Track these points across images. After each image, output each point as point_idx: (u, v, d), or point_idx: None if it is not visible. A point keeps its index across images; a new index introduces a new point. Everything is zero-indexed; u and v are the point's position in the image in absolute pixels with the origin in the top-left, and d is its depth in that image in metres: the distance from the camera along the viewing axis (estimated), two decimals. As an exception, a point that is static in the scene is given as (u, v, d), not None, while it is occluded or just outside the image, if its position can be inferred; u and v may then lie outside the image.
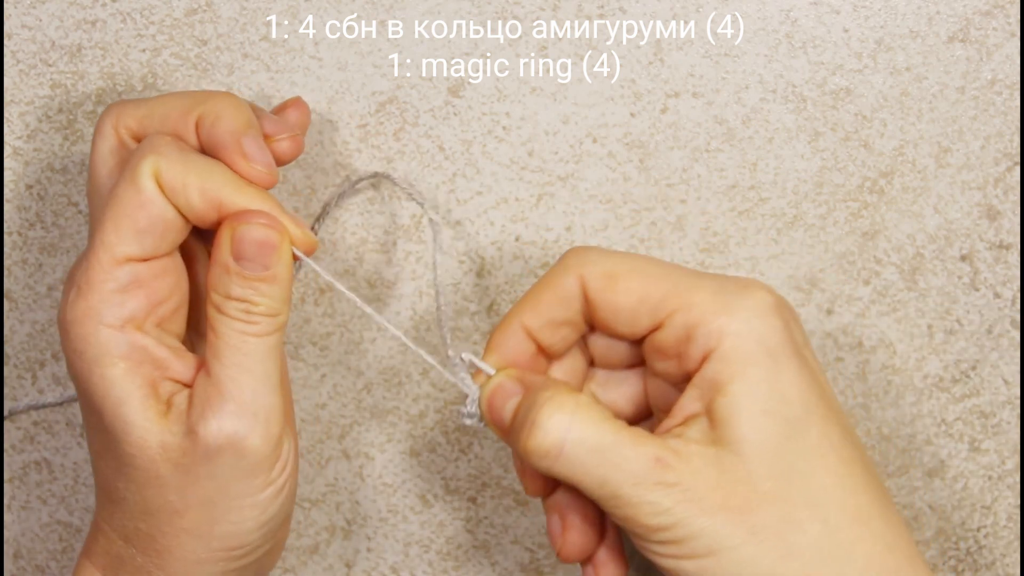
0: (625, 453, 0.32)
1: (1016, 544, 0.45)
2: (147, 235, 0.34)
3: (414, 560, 0.46)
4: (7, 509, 0.46)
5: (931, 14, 0.43)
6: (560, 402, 0.33)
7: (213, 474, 0.34)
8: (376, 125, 0.44)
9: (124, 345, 0.34)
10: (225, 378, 0.34)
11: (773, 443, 0.33)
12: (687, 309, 0.33)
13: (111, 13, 0.43)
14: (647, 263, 0.35)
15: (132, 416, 0.34)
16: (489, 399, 0.35)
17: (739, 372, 0.33)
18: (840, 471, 0.33)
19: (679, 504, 0.32)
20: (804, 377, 0.34)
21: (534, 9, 0.43)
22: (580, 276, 0.35)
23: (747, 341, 0.33)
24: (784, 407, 0.33)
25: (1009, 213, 0.44)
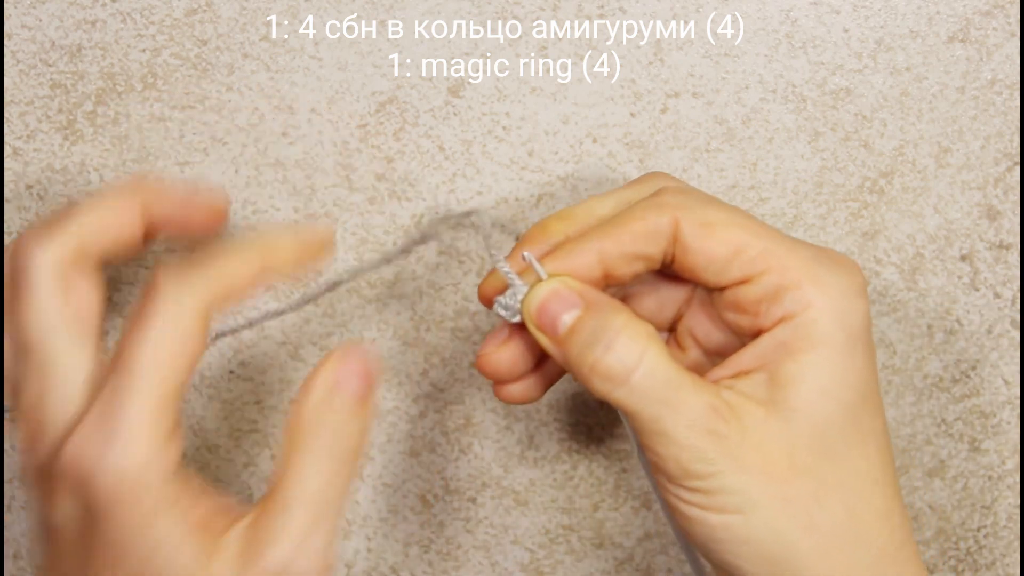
0: (685, 395, 0.32)
1: (1016, 544, 0.45)
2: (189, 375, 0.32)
3: (414, 560, 0.46)
4: (7, 509, 0.46)
5: (931, 14, 0.43)
6: (635, 331, 0.33)
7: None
8: (376, 125, 0.44)
9: (177, 490, 0.32)
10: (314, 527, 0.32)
11: (824, 422, 0.33)
12: (781, 271, 0.33)
13: (111, 13, 0.43)
14: (745, 217, 0.34)
15: (187, 562, 0.31)
16: (543, 303, 0.34)
17: (815, 346, 0.33)
18: (874, 462, 0.34)
19: (722, 456, 0.32)
20: (870, 366, 0.34)
21: (534, 9, 0.43)
22: (675, 218, 0.34)
23: (831, 318, 0.33)
24: (844, 391, 0.33)
25: (1009, 213, 0.44)
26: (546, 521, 0.46)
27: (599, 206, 0.36)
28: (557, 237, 0.36)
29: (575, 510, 0.46)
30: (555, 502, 0.46)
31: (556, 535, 0.46)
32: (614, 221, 0.35)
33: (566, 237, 0.35)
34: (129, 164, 0.44)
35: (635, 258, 0.35)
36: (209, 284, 0.33)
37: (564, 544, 0.46)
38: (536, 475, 0.45)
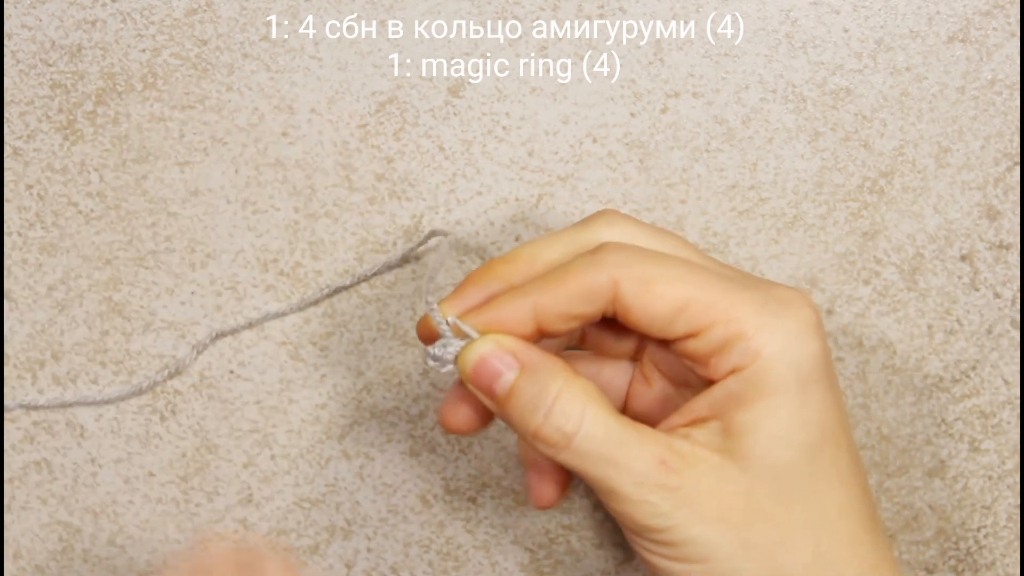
0: (631, 452, 0.32)
1: (1016, 544, 0.45)
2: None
3: (414, 560, 0.46)
4: (7, 509, 0.46)
5: (931, 14, 0.43)
6: (573, 393, 0.33)
7: None
8: (376, 125, 0.44)
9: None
10: None
11: (781, 468, 0.32)
12: (726, 323, 0.32)
13: (111, 13, 0.43)
14: (687, 269, 0.33)
15: None
16: (477, 365, 0.34)
17: (766, 394, 0.32)
18: (840, 497, 0.33)
19: (677, 509, 0.32)
20: (828, 405, 0.33)
21: (534, 9, 0.43)
22: (613, 277, 0.33)
23: (782, 365, 0.32)
24: (800, 435, 0.33)
25: (1009, 213, 0.44)
26: (546, 521, 0.46)
27: (546, 250, 0.35)
28: (498, 283, 0.35)
29: (575, 510, 0.46)
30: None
31: (556, 535, 0.46)
32: (551, 277, 0.34)
33: (508, 284, 0.35)
34: (129, 164, 0.44)
35: (570, 317, 0.34)
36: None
37: (564, 544, 0.46)
38: (536, 475, 0.45)
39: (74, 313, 0.45)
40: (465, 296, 0.35)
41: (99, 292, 0.45)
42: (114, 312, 0.45)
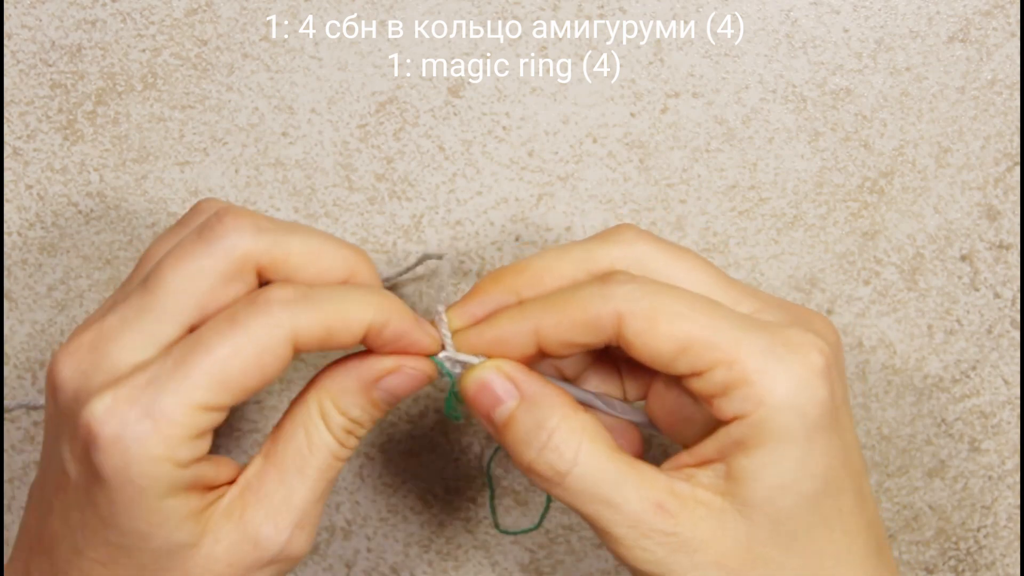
0: (627, 493, 0.32)
1: (1016, 544, 0.45)
2: (249, 390, 0.31)
3: (414, 560, 0.46)
4: (7, 509, 0.46)
5: (931, 14, 0.43)
6: (571, 428, 0.32)
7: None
8: (376, 125, 0.44)
9: (188, 478, 0.31)
10: (300, 493, 0.33)
11: (783, 515, 0.32)
12: (729, 365, 0.31)
13: (111, 13, 0.43)
14: (693, 305, 0.32)
15: (185, 539, 0.32)
16: (478, 390, 0.34)
17: (769, 441, 0.31)
18: (841, 544, 0.33)
19: (672, 554, 0.32)
20: (833, 451, 0.32)
21: (534, 9, 0.43)
22: (618, 311, 0.32)
23: (786, 414, 0.31)
24: (804, 483, 0.32)
25: (1009, 213, 0.44)
26: (546, 521, 0.46)
27: (557, 265, 0.35)
28: (506, 296, 0.35)
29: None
30: (555, 502, 0.46)
31: (556, 535, 0.46)
32: (556, 302, 0.33)
33: (516, 297, 0.34)
34: (129, 164, 0.44)
35: (572, 344, 0.33)
36: (315, 318, 0.32)
37: (564, 544, 0.46)
38: (536, 475, 0.45)
39: (74, 313, 0.45)
40: (471, 305, 0.35)
41: (99, 292, 0.45)
42: (114, 312, 0.45)
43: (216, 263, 0.32)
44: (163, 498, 0.31)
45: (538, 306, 0.34)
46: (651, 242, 0.34)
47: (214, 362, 0.30)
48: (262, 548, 0.33)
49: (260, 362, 0.31)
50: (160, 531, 0.31)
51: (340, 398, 0.33)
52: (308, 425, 0.33)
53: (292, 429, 0.34)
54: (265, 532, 0.33)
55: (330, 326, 0.32)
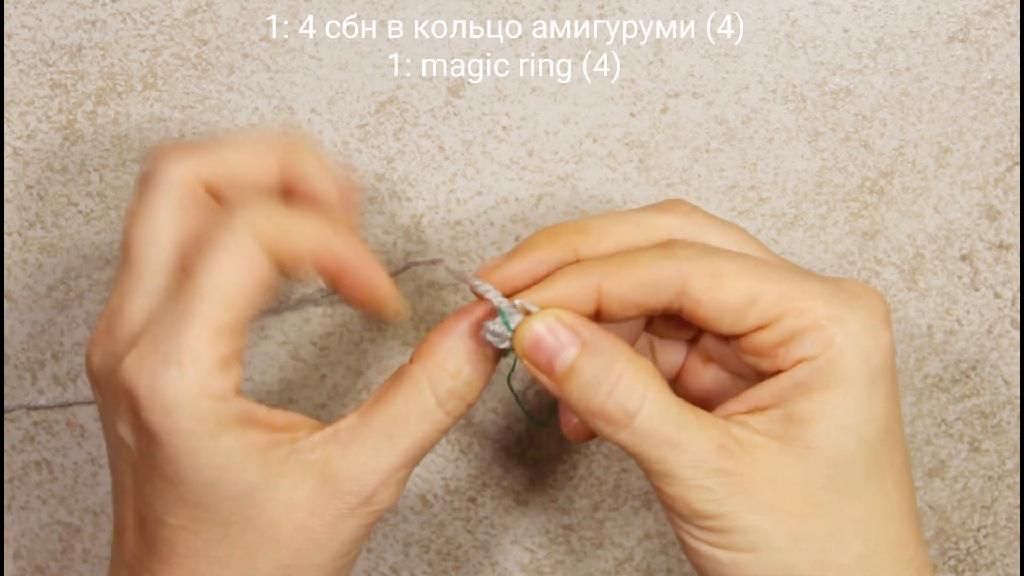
0: (691, 435, 0.32)
1: (1016, 544, 0.45)
2: (253, 305, 0.32)
3: (414, 560, 0.46)
4: (7, 509, 0.46)
5: (931, 14, 0.43)
6: (636, 373, 0.32)
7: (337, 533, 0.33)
8: (376, 125, 0.44)
9: (233, 413, 0.31)
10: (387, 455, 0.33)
11: (843, 460, 0.32)
12: (798, 314, 0.32)
13: (111, 13, 0.43)
14: (755, 263, 0.33)
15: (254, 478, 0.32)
16: (536, 340, 0.33)
17: (836, 384, 0.32)
18: (892, 496, 0.33)
19: (732, 495, 0.32)
20: (892, 401, 0.33)
21: (534, 9, 0.43)
22: (683, 272, 0.33)
23: (853, 356, 0.32)
24: (865, 427, 0.32)
25: (1009, 213, 0.44)
26: (546, 521, 0.46)
27: (617, 228, 0.35)
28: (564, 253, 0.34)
29: (575, 510, 0.46)
30: (555, 502, 0.46)
31: (556, 535, 0.46)
32: (621, 261, 0.33)
33: (574, 256, 0.34)
34: (129, 164, 0.44)
35: (634, 305, 0.33)
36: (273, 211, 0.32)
37: (564, 544, 0.46)
38: (536, 475, 0.45)
39: (74, 313, 0.45)
40: (528, 260, 0.34)
41: (99, 292, 0.45)
42: (114, 312, 0.45)
43: (165, 201, 0.33)
44: (215, 436, 0.31)
45: (602, 265, 0.33)
46: (703, 215, 0.35)
47: (208, 286, 0.31)
48: (344, 500, 0.33)
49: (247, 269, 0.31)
50: (226, 474, 0.32)
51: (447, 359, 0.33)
52: (411, 390, 0.33)
53: (394, 392, 0.33)
54: (348, 487, 0.33)
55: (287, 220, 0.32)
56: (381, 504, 0.33)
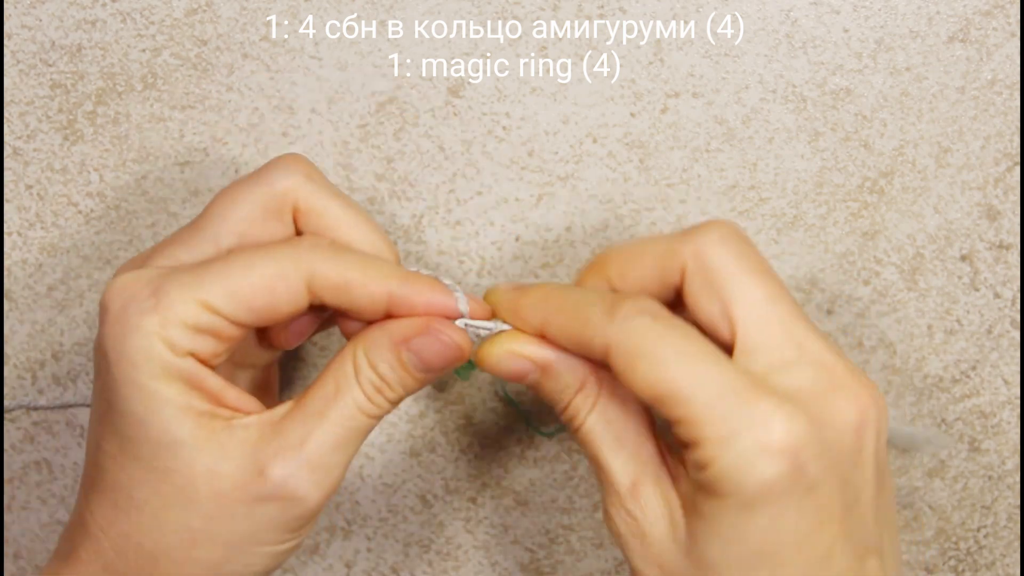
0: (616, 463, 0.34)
1: (1016, 544, 0.45)
2: (256, 314, 0.33)
3: (414, 560, 0.46)
4: (7, 509, 0.46)
5: (931, 14, 0.43)
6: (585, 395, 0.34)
7: (253, 515, 0.33)
8: (376, 125, 0.44)
9: (184, 371, 0.33)
10: (317, 436, 0.33)
11: (712, 561, 0.32)
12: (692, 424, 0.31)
13: (111, 13, 0.43)
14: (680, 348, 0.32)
15: (182, 435, 0.33)
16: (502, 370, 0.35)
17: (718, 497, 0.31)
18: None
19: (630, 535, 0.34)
20: (778, 527, 0.31)
21: (534, 9, 0.43)
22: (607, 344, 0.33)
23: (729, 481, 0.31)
24: (740, 546, 0.32)
25: (1009, 213, 0.44)
26: (546, 521, 0.46)
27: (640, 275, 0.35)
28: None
29: (575, 510, 0.46)
30: (555, 502, 0.46)
31: (556, 535, 0.46)
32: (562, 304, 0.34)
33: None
34: (129, 164, 0.44)
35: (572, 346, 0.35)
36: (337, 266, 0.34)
37: (564, 544, 0.46)
38: (536, 475, 0.45)
39: (74, 313, 0.45)
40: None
41: (99, 292, 0.45)
42: (114, 312, 0.45)
43: (258, 195, 0.35)
44: (154, 379, 0.32)
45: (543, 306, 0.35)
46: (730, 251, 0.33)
47: (230, 272, 0.33)
48: (266, 478, 0.33)
49: (271, 285, 0.33)
50: (155, 418, 0.33)
51: (371, 350, 0.34)
52: (339, 374, 0.34)
53: (324, 377, 0.34)
54: (271, 464, 0.33)
55: (349, 279, 0.33)
56: (301, 492, 0.33)
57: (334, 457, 0.34)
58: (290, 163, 0.36)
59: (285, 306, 0.33)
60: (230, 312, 0.33)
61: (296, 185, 0.35)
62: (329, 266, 0.33)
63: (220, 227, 0.35)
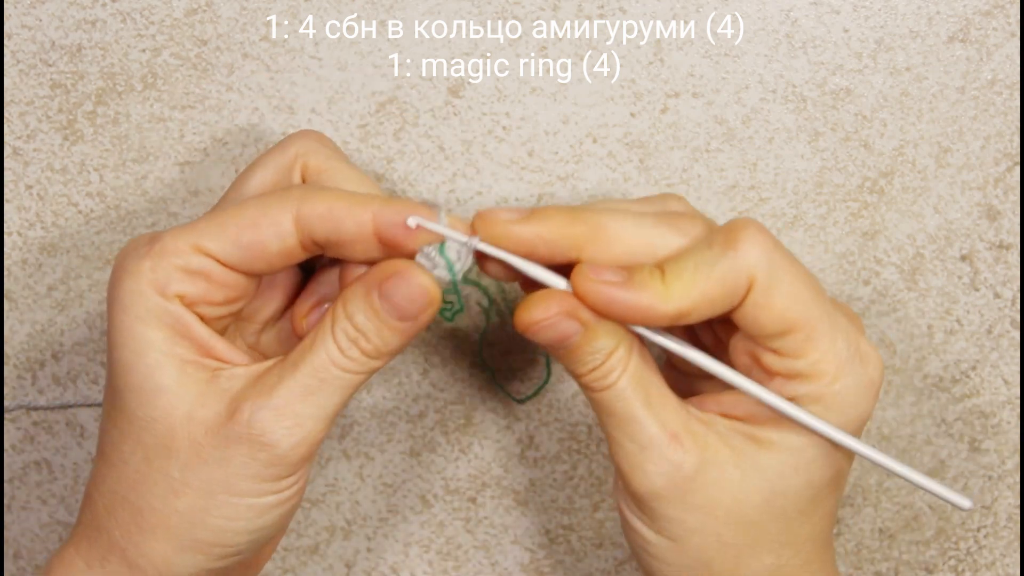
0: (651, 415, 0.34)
1: (1016, 544, 0.45)
2: (244, 250, 0.34)
3: (414, 560, 0.46)
4: (7, 509, 0.46)
5: (931, 14, 0.43)
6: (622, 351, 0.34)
7: (225, 460, 0.33)
8: (376, 125, 0.44)
9: (171, 315, 0.34)
10: (286, 383, 0.33)
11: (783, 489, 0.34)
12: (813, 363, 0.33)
13: (111, 13, 0.43)
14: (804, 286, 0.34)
15: (165, 380, 0.33)
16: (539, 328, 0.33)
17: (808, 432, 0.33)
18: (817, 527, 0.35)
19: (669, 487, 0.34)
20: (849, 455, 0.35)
21: (534, 9, 0.43)
22: (750, 276, 0.33)
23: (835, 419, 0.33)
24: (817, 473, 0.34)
25: (1009, 213, 0.44)
26: (546, 521, 0.46)
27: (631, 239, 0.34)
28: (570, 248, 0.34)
29: (575, 510, 0.46)
30: (555, 502, 0.46)
31: (556, 535, 0.46)
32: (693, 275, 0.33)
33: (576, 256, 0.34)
34: (129, 164, 0.44)
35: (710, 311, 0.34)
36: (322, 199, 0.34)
37: (564, 544, 0.46)
38: (536, 475, 0.45)
39: (74, 313, 0.45)
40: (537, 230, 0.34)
41: (99, 292, 0.45)
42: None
43: (273, 161, 0.37)
44: (142, 321, 0.33)
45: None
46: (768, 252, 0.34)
47: (222, 217, 0.34)
48: (235, 421, 0.33)
49: (257, 219, 0.33)
50: (140, 363, 0.33)
51: (349, 301, 0.34)
52: (319, 328, 0.34)
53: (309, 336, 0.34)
54: (241, 407, 0.33)
55: (333, 206, 0.33)
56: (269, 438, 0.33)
57: (303, 407, 0.33)
58: (303, 133, 0.37)
59: (273, 240, 0.34)
60: (218, 250, 0.34)
61: (307, 150, 0.36)
62: (315, 198, 0.34)
63: (239, 194, 0.36)
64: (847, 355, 0.33)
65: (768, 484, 0.34)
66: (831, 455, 0.34)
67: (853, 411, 0.34)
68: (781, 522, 0.34)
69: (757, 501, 0.34)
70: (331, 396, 0.34)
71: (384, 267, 0.34)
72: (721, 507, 0.33)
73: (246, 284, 0.35)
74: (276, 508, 0.34)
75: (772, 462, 0.34)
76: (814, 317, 0.33)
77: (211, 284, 0.34)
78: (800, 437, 0.33)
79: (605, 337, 0.33)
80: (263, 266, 0.34)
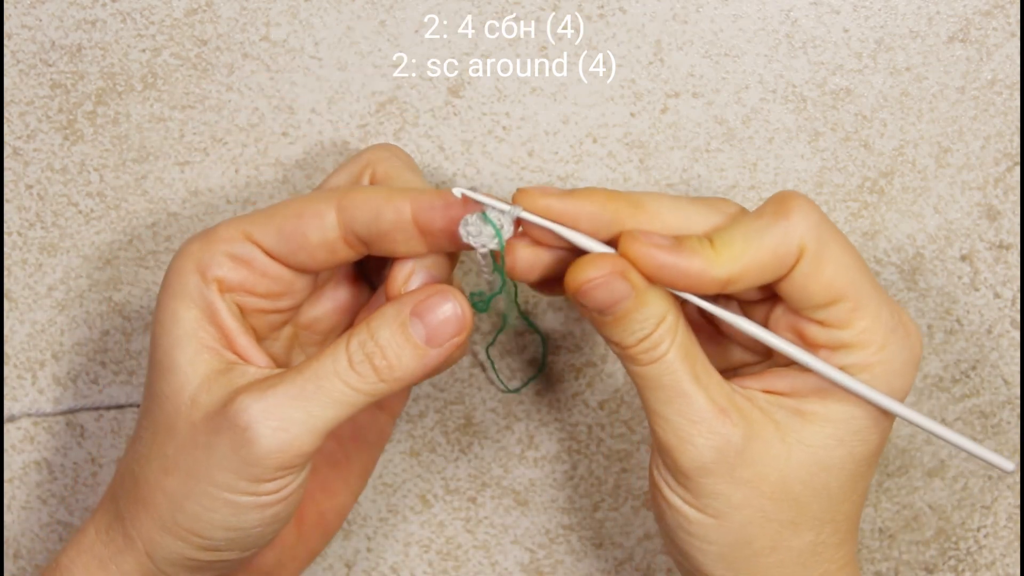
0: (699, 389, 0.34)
1: (1016, 544, 0.45)
2: (285, 238, 0.35)
3: (414, 560, 0.46)
4: (7, 509, 0.46)
5: (931, 14, 0.43)
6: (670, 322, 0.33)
7: (210, 447, 0.33)
8: (376, 125, 0.44)
9: (204, 298, 0.35)
10: (284, 386, 0.33)
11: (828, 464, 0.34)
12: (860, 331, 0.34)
13: (111, 13, 0.43)
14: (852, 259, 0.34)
15: (180, 359, 0.34)
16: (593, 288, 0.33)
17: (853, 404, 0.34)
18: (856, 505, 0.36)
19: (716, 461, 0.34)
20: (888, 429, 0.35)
21: (534, 9, 0.43)
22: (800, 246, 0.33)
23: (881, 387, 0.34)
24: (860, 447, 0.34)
25: (1009, 213, 0.44)
26: (546, 521, 0.46)
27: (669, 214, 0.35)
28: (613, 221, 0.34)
29: (575, 510, 0.46)
30: (555, 502, 0.46)
31: (556, 535, 0.46)
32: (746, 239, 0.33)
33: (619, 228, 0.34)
34: (129, 164, 0.44)
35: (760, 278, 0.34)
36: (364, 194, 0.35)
37: (564, 544, 0.46)
38: (536, 475, 0.45)
39: (74, 313, 0.45)
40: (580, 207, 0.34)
41: (99, 292, 0.45)
42: (114, 312, 0.45)
43: (347, 168, 0.38)
44: (177, 298, 0.35)
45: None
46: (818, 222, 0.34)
47: (273, 208, 0.35)
48: (226, 411, 0.33)
49: (302, 212, 0.35)
50: (164, 338, 0.35)
51: (375, 318, 0.34)
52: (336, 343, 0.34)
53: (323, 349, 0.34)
54: (235, 398, 0.33)
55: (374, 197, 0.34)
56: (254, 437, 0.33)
57: (293, 410, 0.33)
58: (378, 144, 0.39)
59: (314, 232, 0.35)
60: (263, 238, 0.35)
61: (377, 159, 0.37)
62: (359, 193, 0.35)
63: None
64: (892, 325, 0.34)
65: (814, 458, 0.34)
66: (873, 428, 0.34)
67: (898, 381, 0.34)
68: (824, 498, 0.34)
69: (803, 475, 0.34)
70: (324, 407, 0.33)
71: (423, 290, 0.34)
72: (767, 482, 0.34)
73: (290, 279, 0.36)
74: (253, 512, 0.34)
75: (817, 434, 0.34)
76: (861, 287, 0.33)
77: (253, 272, 0.35)
78: (845, 407, 0.34)
79: (656, 303, 0.33)
80: (305, 257, 0.35)
